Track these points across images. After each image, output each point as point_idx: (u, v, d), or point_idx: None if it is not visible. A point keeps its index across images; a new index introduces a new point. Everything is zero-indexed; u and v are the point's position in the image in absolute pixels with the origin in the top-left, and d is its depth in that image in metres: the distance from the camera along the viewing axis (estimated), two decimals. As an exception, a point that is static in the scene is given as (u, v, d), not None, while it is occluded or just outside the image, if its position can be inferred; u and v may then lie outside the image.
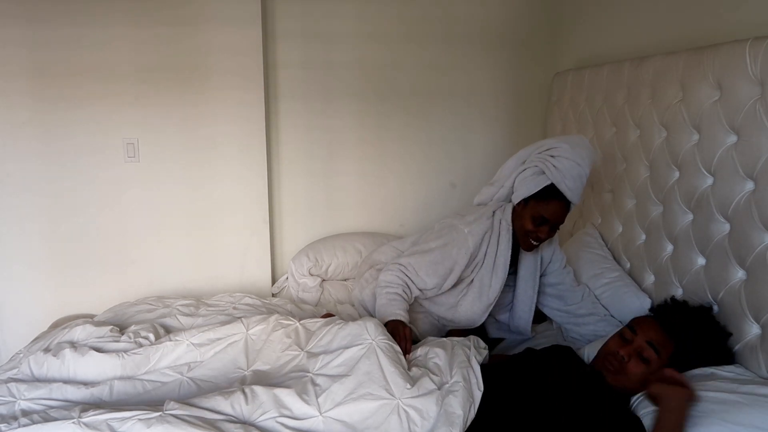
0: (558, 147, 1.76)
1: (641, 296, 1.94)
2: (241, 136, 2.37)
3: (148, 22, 2.20)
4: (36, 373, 1.59)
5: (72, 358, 1.61)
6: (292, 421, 1.35)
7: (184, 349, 1.66)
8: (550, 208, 1.77)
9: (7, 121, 2.14)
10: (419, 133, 2.69)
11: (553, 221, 1.79)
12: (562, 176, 1.72)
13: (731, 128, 1.62)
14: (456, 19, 2.63)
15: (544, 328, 2.14)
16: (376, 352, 1.50)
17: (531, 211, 1.80)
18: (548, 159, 1.75)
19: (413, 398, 1.40)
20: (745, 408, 1.31)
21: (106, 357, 1.62)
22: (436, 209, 2.74)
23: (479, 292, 1.91)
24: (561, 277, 2.03)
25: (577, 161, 1.73)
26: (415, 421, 1.36)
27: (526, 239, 1.84)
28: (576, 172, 1.73)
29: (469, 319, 1.94)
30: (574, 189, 1.74)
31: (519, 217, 1.85)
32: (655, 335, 1.50)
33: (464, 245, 1.84)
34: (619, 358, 1.49)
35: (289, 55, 2.47)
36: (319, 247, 2.48)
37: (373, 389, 1.41)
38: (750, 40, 1.55)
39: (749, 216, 1.55)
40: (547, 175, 1.74)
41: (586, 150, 1.77)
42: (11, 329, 2.26)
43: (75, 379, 1.57)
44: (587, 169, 1.75)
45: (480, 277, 1.90)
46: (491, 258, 1.89)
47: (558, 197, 1.76)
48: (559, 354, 1.62)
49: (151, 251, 2.36)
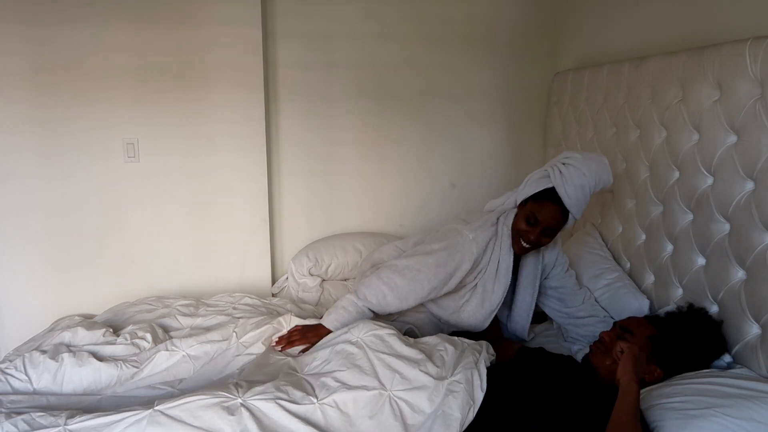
0: (572, 156, 1.77)
1: (640, 297, 1.94)
2: (241, 136, 2.37)
3: (149, 22, 2.19)
4: (23, 386, 1.58)
5: (69, 364, 1.60)
6: (290, 404, 1.35)
7: (179, 358, 1.67)
8: (544, 209, 1.77)
9: (7, 121, 2.14)
10: (419, 133, 2.69)
11: (545, 224, 1.78)
12: (564, 181, 1.73)
13: (731, 128, 1.62)
14: (456, 20, 2.63)
15: (543, 329, 2.14)
16: (365, 348, 1.52)
17: (526, 211, 1.81)
18: (558, 165, 1.77)
19: (403, 391, 1.40)
20: (746, 403, 1.32)
21: (103, 366, 1.62)
22: (436, 209, 2.74)
23: (482, 298, 1.91)
24: (563, 280, 2.03)
25: (583, 171, 1.73)
26: (406, 414, 1.37)
27: (517, 239, 1.84)
28: (579, 181, 1.72)
29: (471, 324, 1.95)
30: (572, 197, 1.73)
31: (516, 218, 1.86)
32: (631, 321, 1.62)
33: (468, 251, 1.84)
34: (602, 340, 1.58)
35: (289, 55, 2.47)
36: (319, 247, 2.48)
37: (366, 381, 1.42)
38: (750, 40, 1.55)
39: (749, 216, 1.55)
40: (550, 178, 1.75)
41: (598, 165, 1.76)
42: (11, 329, 2.26)
43: (66, 392, 1.57)
44: (592, 182, 1.74)
45: (483, 283, 1.91)
46: (494, 264, 1.89)
47: (554, 200, 1.76)
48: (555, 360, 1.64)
49: (151, 251, 2.36)
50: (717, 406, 1.32)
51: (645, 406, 1.42)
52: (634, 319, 1.63)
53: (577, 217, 1.78)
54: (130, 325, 1.89)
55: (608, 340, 1.56)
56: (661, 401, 1.40)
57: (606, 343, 1.56)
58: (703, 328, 1.57)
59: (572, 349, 1.94)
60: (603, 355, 1.55)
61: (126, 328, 1.86)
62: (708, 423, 1.29)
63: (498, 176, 2.82)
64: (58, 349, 1.68)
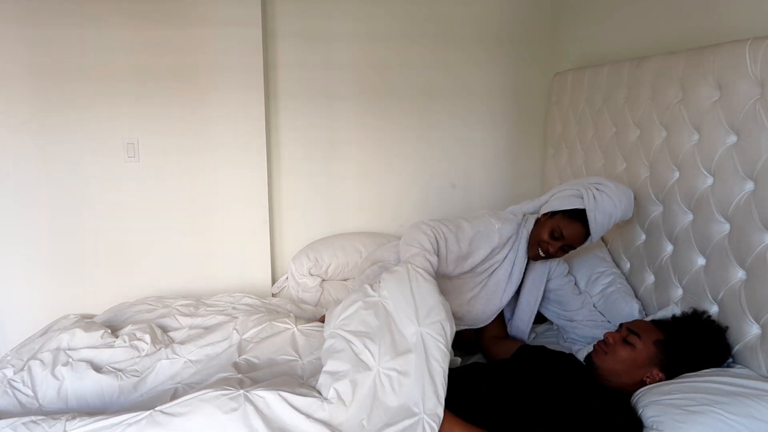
0: (606, 184, 1.83)
1: (630, 302, 1.96)
2: (241, 136, 2.37)
3: (149, 22, 2.20)
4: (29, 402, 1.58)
5: (69, 379, 1.60)
6: (293, 396, 1.33)
7: (181, 366, 1.67)
8: (572, 227, 1.83)
9: (7, 121, 2.14)
10: (419, 133, 2.69)
11: (568, 241, 1.84)
12: (596, 206, 1.79)
13: (731, 128, 1.62)
14: (456, 19, 2.62)
15: (544, 329, 2.15)
16: (347, 338, 1.51)
17: (553, 223, 1.86)
18: (592, 188, 1.82)
19: (391, 360, 1.41)
20: (746, 401, 1.33)
21: (104, 378, 1.61)
22: (436, 209, 2.74)
23: (493, 294, 1.96)
24: (561, 284, 2.07)
25: (615, 202, 1.80)
26: (395, 386, 1.38)
27: (535, 248, 1.91)
28: (609, 211, 1.79)
29: (476, 318, 1.98)
30: (600, 223, 1.80)
31: (539, 226, 1.91)
32: (638, 324, 1.61)
33: (491, 237, 1.91)
34: (606, 341, 1.58)
35: (289, 55, 2.47)
36: (319, 247, 2.48)
37: (351, 365, 1.42)
38: (750, 40, 1.54)
39: (749, 216, 1.55)
40: (584, 199, 1.81)
41: (628, 199, 1.83)
42: (11, 329, 2.26)
43: (71, 407, 1.56)
44: (619, 213, 1.81)
45: (496, 280, 1.96)
46: (510, 264, 1.96)
47: (582, 222, 1.82)
48: (558, 358, 1.65)
49: (151, 251, 2.36)
50: (717, 403, 1.33)
51: (643, 403, 1.42)
52: (641, 322, 1.64)
53: (594, 240, 1.86)
54: (129, 325, 1.89)
55: (612, 341, 1.57)
56: (660, 398, 1.41)
57: (609, 344, 1.57)
58: (710, 334, 1.57)
59: (573, 349, 1.95)
60: (605, 354, 1.56)
61: (125, 328, 1.86)
62: (707, 419, 1.29)
63: (498, 176, 2.82)
64: (57, 359, 1.67)
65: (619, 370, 1.53)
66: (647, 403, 1.41)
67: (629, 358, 1.53)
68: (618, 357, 1.53)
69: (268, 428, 1.26)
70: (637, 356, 1.52)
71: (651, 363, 1.52)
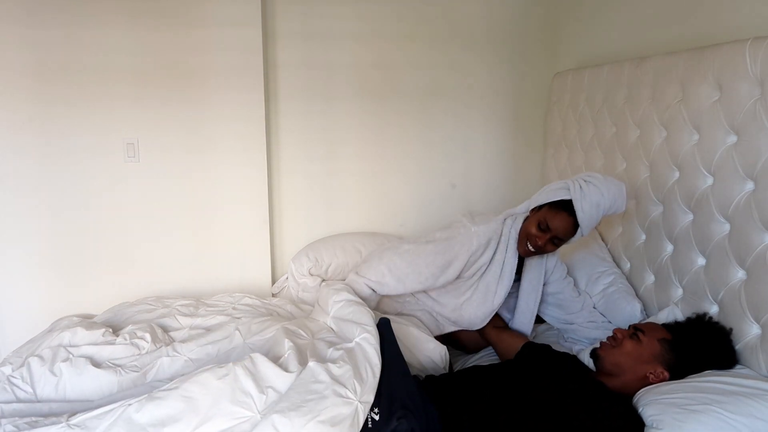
0: (594, 176, 1.83)
1: (632, 301, 1.96)
2: (241, 136, 2.36)
3: (149, 22, 2.19)
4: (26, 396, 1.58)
5: (68, 375, 1.60)
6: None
7: (182, 364, 1.67)
8: (558, 218, 1.82)
9: (8, 121, 2.14)
10: (419, 132, 2.69)
11: (555, 233, 1.83)
12: (582, 196, 1.78)
13: (731, 128, 1.62)
14: (456, 19, 2.62)
15: (544, 329, 2.15)
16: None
17: (540, 216, 1.86)
18: (579, 180, 1.82)
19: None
20: (746, 400, 1.33)
21: (103, 373, 1.61)
22: (436, 209, 2.74)
23: (484, 297, 1.95)
24: (561, 287, 2.06)
25: (602, 191, 1.79)
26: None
27: (524, 242, 1.90)
28: (595, 199, 1.78)
29: (470, 322, 1.98)
30: (587, 213, 1.78)
31: (527, 221, 1.91)
32: (646, 324, 1.66)
33: (467, 243, 1.90)
34: (614, 336, 1.63)
35: (289, 55, 2.47)
36: (319, 247, 2.48)
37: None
38: (750, 40, 1.55)
39: (749, 216, 1.55)
40: (570, 190, 1.80)
41: (617, 190, 1.82)
42: (11, 329, 2.26)
43: (69, 399, 1.57)
44: (607, 203, 1.79)
45: (486, 283, 1.95)
46: (498, 265, 1.94)
47: (569, 212, 1.81)
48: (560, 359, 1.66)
49: (150, 251, 2.36)
50: (717, 402, 1.33)
51: (644, 401, 1.42)
52: (650, 323, 1.68)
53: (585, 233, 1.84)
54: (129, 325, 1.89)
55: (620, 336, 1.61)
56: (660, 397, 1.41)
57: (618, 339, 1.61)
58: (717, 337, 1.58)
59: (573, 349, 1.95)
60: (612, 348, 1.60)
61: (125, 328, 1.86)
62: (708, 418, 1.30)
63: (498, 176, 2.82)
64: (57, 355, 1.67)
65: (623, 363, 1.56)
66: (647, 402, 1.41)
67: (634, 351, 1.56)
68: (623, 350, 1.57)
69: (258, 387, 1.35)
70: (642, 351, 1.55)
71: (656, 360, 1.53)
